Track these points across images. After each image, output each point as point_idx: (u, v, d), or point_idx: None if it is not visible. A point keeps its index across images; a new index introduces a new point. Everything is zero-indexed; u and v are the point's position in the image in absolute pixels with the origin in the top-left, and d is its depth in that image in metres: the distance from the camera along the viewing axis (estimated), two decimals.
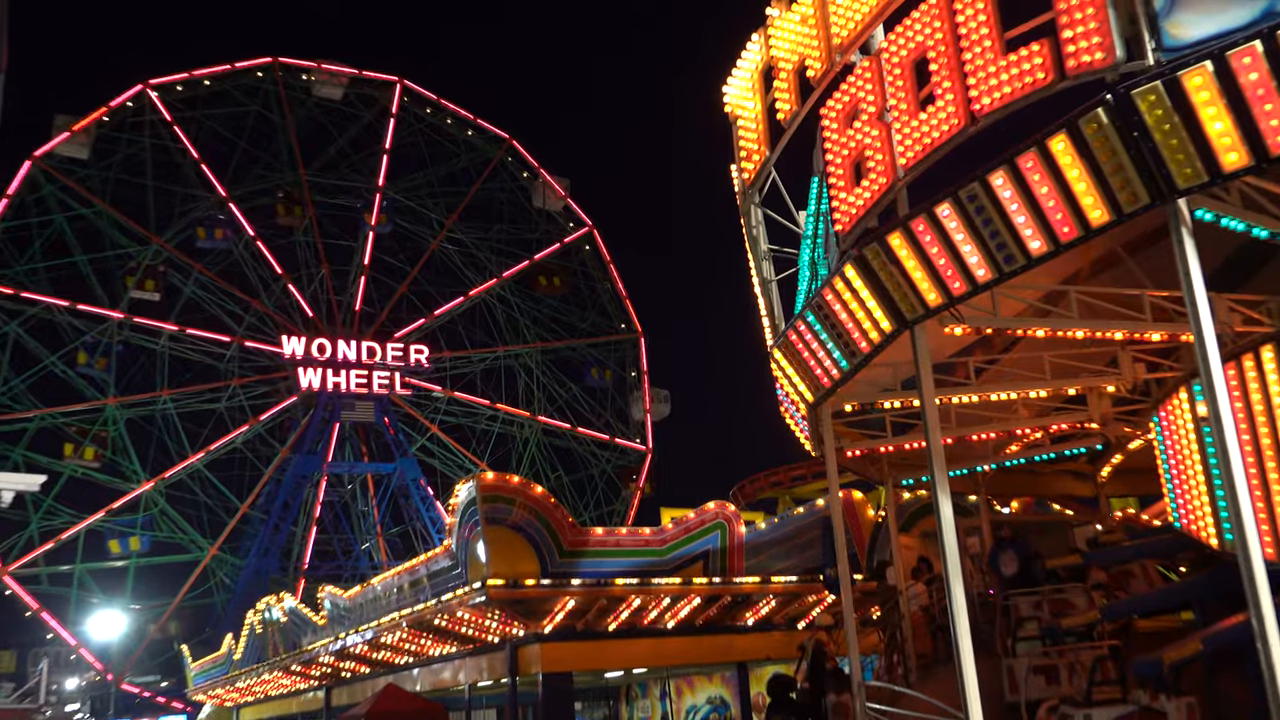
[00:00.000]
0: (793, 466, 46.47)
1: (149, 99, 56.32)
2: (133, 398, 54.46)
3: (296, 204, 59.02)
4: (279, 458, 57.36)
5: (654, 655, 25.79)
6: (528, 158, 63.50)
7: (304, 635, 34.36)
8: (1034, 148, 10.47)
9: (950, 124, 11.29)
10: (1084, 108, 10.05)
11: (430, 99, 62.59)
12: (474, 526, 23.01)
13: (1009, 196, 10.88)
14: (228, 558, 55.30)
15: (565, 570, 23.13)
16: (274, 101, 59.91)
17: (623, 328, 64.18)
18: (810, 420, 16.32)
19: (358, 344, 57.99)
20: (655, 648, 25.56)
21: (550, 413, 62.77)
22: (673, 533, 24.95)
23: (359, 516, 60.83)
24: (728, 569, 25.04)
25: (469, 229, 63.08)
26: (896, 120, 12.00)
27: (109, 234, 55.60)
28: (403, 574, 27.43)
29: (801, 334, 14.48)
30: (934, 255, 11.76)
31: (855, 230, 12.65)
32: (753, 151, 16.19)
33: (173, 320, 55.71)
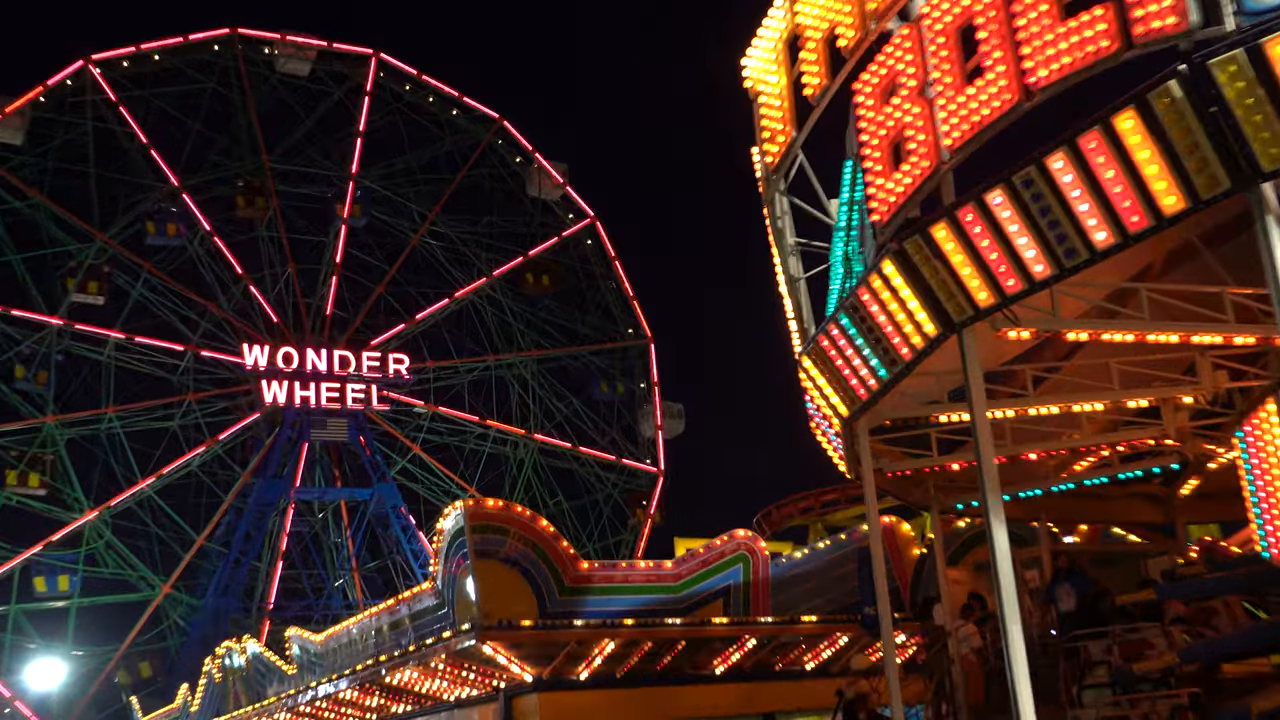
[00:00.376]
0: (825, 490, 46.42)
1: (91, 76, 56.48)
2: (74, 415, 54.56)
3: (258, 194, 59.14)
4: (240, 483, 57.42)
5: (668, 706, 25.70)
6: (521, 140, 63.58)
7: (269, 684, 34.36)
8: (1098, 126, 10.48)
9: (1001, 99, 11.31)
10: (1154, 80, 10.05)
11: (410, 74, 62.71)
12: (462, 560, 23.00)
13: (1070, 181, 10.88)
14: (183, 597, 55.34)
15: (566, 610, 23.08)
16: (232, 78, 60.05)
17: (630, 333, 64.18)
18: (845, 437, 16.31)
19: (329, 353, 58.06)
20: (669, 697, 25.47)
21: (548, 430, 62.78)
22: (689, 566, 24.90)
23: (331, 549, 60.85)
24: (752, 607, 24.97)
25: (455, 222, 63.16)
26: (940, 95, 12.02)
27: (46, 229, 55.73)
28: (381, 614, 27.42)
29: (834, 339, 14.48)
30: (984, 249, 11.77)
31: (894, 221, 12.67)
32: (777, 132, 16.22)
33: (119, 327, 55.81)
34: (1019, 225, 11.42)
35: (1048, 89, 10.92)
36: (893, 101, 12.77)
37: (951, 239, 11.97)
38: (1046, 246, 11.36)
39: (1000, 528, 12.48)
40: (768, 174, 16.80)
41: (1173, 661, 15.36)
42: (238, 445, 58.86)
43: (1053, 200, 11.07)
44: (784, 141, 16.14)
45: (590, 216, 64.36)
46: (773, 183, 16.72)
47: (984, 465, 12.58)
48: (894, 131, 12.75)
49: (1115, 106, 10.33)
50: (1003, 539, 12.48)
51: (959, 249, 11.97)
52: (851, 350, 14.23)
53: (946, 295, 12.36)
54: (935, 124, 12.05)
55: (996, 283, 11.88)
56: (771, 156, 16.52)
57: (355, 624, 29.05)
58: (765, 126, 16.48)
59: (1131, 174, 10.45)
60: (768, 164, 16.68)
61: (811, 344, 15.38)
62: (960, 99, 11.75)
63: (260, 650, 35.86)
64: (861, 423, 15.64)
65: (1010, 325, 12.88)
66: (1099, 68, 10.62)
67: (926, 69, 12.22)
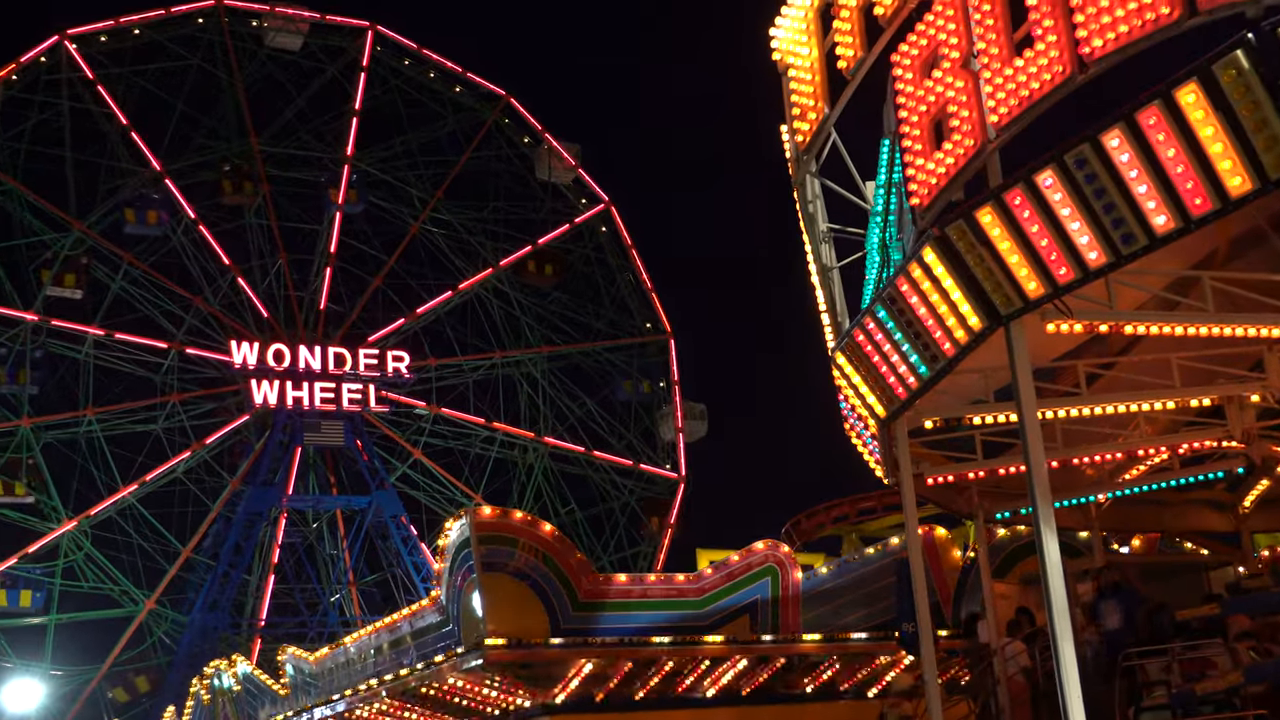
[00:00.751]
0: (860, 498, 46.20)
1: (66, 52, 56.69)
2: (51, 418, 54.75)
3: (247, 179, 59.27)
4: (228, 490, 57.57)
5: None
6: (529, 119, 63.57)
7: (261, 707, 34.49)
8: (1158, 100, 10.44)
9: (1053, 71, 11.27)
10: (1219, 50, 10.00)
11: (410, 48, 62.78)
12: (468, 573, 23.04)
13: (1127, 161, 10.85)
14: (168, 612, 55.53)
15: (580, 627, 23.10)
16: (218, 54, 60.19)
17: (648, 327, 64.16)
18: (882, 440, 16.29)
19: (323, 350, 58.16)
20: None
21: (560, 433, 62.76)
22: (712, 580, 24.89)
23: (326, 562, 61.01)
24: (781, 624, 24.94)
25: (458, 208, 63.19)
26: (986, 68, 11.98)
27: (20, 218, 55.94)
28: (381, 631, 27.49)
29: (871, 334, 14.47)
30: (1034, 235, 11.76)
31: (936, 204, 12.65)
32: (808, 109, 16.20)
33: (98, 323, 56.02)
34: (1071, 209, 11.39)
35: (1103, 60, 10.87)
36: (934, 74, 12.75)
37: (998, 224, 11.95)
38: (1101, 232, 11.33)
39: (1051, 537, 12.46)
40: (798, 154, 16.79)
41: (1238, 681, 15.30)
42: (226, 450, 58.97)
43: (1108, 181, 11.04)
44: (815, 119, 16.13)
45: (605, 201, 64.29)
46: (803, 164, 16.71)
47: (1034, 470, 12.55)
48: (935, 107, 12.74)
49: (1176, 79, 10.29)
50: (1054, 550, 12.46)
51: (1006, 235, 11.95)
52: (889, 346, 14.22)
53: (993, 285, 12.34)
54: (980, 99, 12.02)
55: (1047, 272, 11.87)
56: (802, 135, 16.51)
57: (353, 642, 29.12)
58: (795, 103, 16.48)
59: (1194, 152, 10.42)
60: (798, 143, 16.67)
61: (846, 339, 15.36)
62: (1008, 71, 11.72)
63: (251, 670, 35.98)
64: (900, 424, 15.62)
65: (1062, 318, 12.84)
66: (1158, 37, 10.57)
67: (971, 39, 12.19)
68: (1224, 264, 14.70)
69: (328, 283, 60.14)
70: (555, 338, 63.54)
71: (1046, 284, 11.97)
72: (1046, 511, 12.49)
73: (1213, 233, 13.65)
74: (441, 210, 62.72)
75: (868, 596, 25.93)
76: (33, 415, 54.12)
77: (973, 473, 18.60)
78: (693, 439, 63.76)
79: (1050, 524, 12.49)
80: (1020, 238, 11.85)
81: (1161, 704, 15.73)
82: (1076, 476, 19.85)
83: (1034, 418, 12.69)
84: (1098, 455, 18.64)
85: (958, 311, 12.84)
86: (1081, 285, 11.90)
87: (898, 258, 14.04)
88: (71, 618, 53.89)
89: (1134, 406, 16.95)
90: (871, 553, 26.61)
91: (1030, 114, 11.64)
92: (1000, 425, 17.14)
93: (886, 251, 14.94)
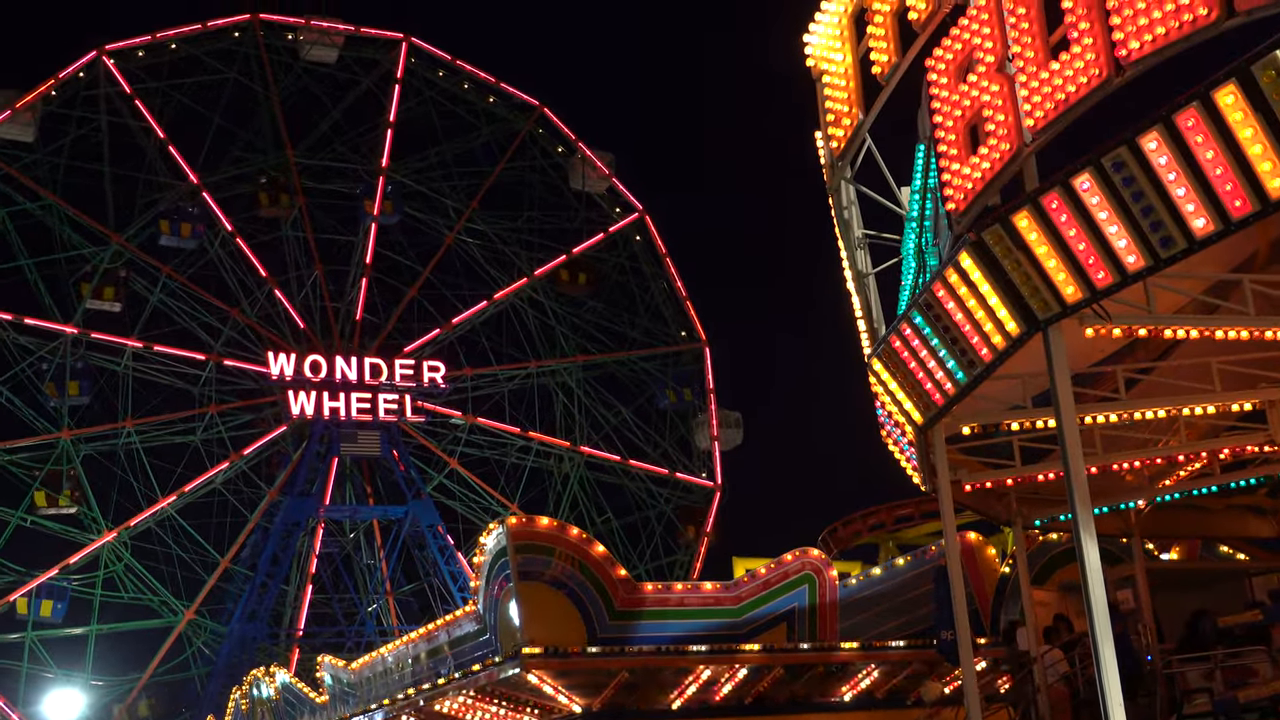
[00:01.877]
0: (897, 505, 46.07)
1: (104, 68, 57.19)
2: (90, 430, 55.20)
3: (283, 191, 59.60)
4: (266, 501, 57.88)
5: None
6: (563, 129, 63.72)
7: (300, 716, 34.64)
8: (1195, 101, 10.38)
9: (1090, 75, 11.21)
10: (1258, 50, 9.94)
11: (443, 60, 63.04)
12: (504, 583, 23.07)
13: (1165, 163, 10.79)
14: (207, 623, 55.85)
15: (617, 635, 23.11)
16: (254, 68, 60.63)
17: (683, 336, 64.15)
18: (919, 447, 16.23)
19: (359, 361, 58.42)
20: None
21: (595, 442, 62.81)
22: (749, 588, 24.86)
23: (364, 572, 61.22)
24: (818, 632, 24.88)
25: (492, 218, 63.39)
26: (1021, 72, 11.93)
27: (59, 232, 56.49)
28: (419, 641, 27.56)
29: (907, 340, 14.42)
30: (1071, 239, 11.70)
31: (972, 209, 12.60)
32: (842, 114, 16.17)
33: (136, 335, 56.47)
34: (1109, 212, 11.33)
35: (1140, 62, 10.81)
36: (969, 79, 12.70)
37: (1035, 228, 11.89)
38: (1140, 235, 11.26)
39: (1091, 544, 12.38)
40: (833, 160, 16.77)
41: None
42: (263, 461, 59.30)
43: (1146, 184, 10.97)
44: (850, 125, 16.10)
45: (639, 210, 64.35)
46: (838, 170, 16.68)
47: (1073, 476, 12.47)
48: (971, 112, 12.69)
49: (1215, 80, 10.22)
50: (1094, 556, 12.38)
51: (1043, 239, 11.89)
52: (926, 352, 14.16)
53: (1030, 290, 12.28)
54: (1016, 103, 11.97)
55: (1085, 276, 11.80)
56: (837, 141, 16.48)
57: (391, 651, 29.22)
58: (830, 109, 16.46)
59: (1234, 154, 10.35)
60: (833, 149, 16.64)
61: (882, 345, 15.31)
62: (1044, 75, 11.67)
63: (290, 679, 36.14)
64: (937, 430, 15.56)
65: (1100, 322, 12.77)
66: (1196, 38, 10.51)
67: (1006, 42, 12.14)
68: (1264, 266, 14.59)
69: (363, 294, 60.41)
70: (590, 347, 63.59)
71: (1085, 288, 11.90)
72: (1086, 518, 12.40)
73: (1253, 235, 13.57)
74: (476, 220, 62.91)
75: (905, 604, 25.83)
76: (72, 427, 54.57)
77: (1011, 479, 18.51)
78: (728, 447, 63.67)
79: (1090, 530, 12.41)
80: (1058, 242, 11.79)
81: (1204, 711, 15.61)
82: (1116, 482, 19.72)
83: (1073, 423, 12.60)
84: (1137, 461, 18.50)
85: (995, 317, 12.79)
86: (1120, 289, 11.83)
87: (934, 263, 14.00)
88: (111, 628, 54.29)
89: (1174, 411, 16.83)
90: (909, 560, 26.49)
91: (1067, 117, 11.59)
92: (1038, 431, 17.05)
93: (922, 257, 14.90)
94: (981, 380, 13.75)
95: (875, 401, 17.19)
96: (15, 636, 52.65)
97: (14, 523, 52.82)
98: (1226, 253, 13.50)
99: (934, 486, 16.20)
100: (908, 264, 15.64)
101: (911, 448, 16.74)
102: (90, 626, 53.51)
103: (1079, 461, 12.60)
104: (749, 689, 25.04)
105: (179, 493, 55.90)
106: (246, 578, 56.47)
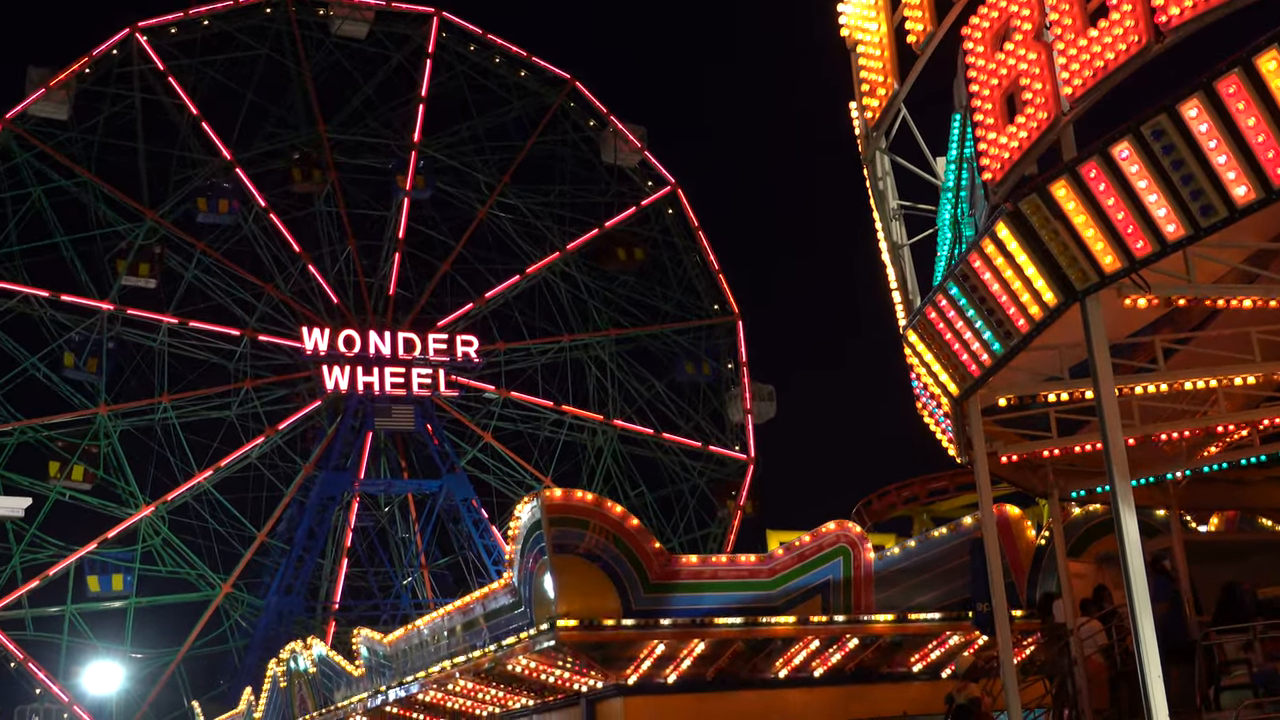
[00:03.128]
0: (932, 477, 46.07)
1: (138, 45, 57.43)
2: (127, 405, 55.64)
3: (316, 167, 59.82)
4: (301, 475, 58.25)
5: (762, 711, 25.74)
6: (595, 103, 63.61)
7: (337, 688, 34.89)
8: (1237, 68, 10.26)
9: (1129, 41, 11.09)
10: None
11: (475, 34, 63.00)
12: (539, 556, 23.14)
13: (1206, 131, 10.68)
14: (244, 596, 56.36)
15: (651, 608, 23.17)
16: (286, 44, 60.77)
17: (716, 309, 64.07)
18: (955, 418, 16.16)
19: (393, 335, 58.60)
20: (763, 702, 25.51)
21: (629, 415, 62.89)
22: (783, 561, 24.88)
23: (399, 545, 61.59)
24: (853, 604, 24.90)
25: (524, 192, 63.42)
26: (1059, 39, 11.81)
27: (95, 209, 56.85)
28: (454, 614, 27.70)
29: (943, 311, 14.35)
30: (1110, 208, 11.60)
31: (1009, 179, 12.50)
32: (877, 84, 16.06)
33: (172, 311, 56.82)
34: (1148, 181, 11.22)
35: (1181, 28, 10.68)
36: (1006, 47, 12.59)
37: (1073, 198, 11.79)
38: (1180, 204, 11.16)
39: (1130, 516, 12.32)
40: (867, 131, 16.67)
41: None
42: (298, 435, 59.72)
43: (1186, 152, 10.87)
44: (885, 95, 15.99)
45: (671, 183, 64.23)
46: (873, 140, 16.57)
47: (1111, 448, 12.40)
48: (1007, 80, 12.58)
49: (1257, 46, 10.11)
50: (1133, 529, 12.31)
51: (1081, 209, 11.80)
52: (962, 323, 14.09)
53: (1068, 260, 12.19)
54: (1054, 71, 11.86)
55: (1124, 245, 11.70)
56: (871, 112, 16.38)
57: (426, 624, 29.37)
58: (864, 79, 16.35)
59: (1276, 120, 10.24)
60: (867, 120, 16.54)
61: (918, 317, 15.24)
62: (1082, 42, 11.54)
63: (326, 652, 36.40)
64: (973, 402, 15.48)
65: (1139, 292, 12.66)
66: (1238, 3, 10.39)
67: (1044, 10, 12.02)
68: None
69: (396, 268, 60.59)
70: (623, 320, 63.62)
71: (1123, 258, 11.80)
72: (1125, 490, 12.33)
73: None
74: (508, 195, 62.96)
75: (940, 576, 25.79)
76: (109, 403, 55.00)
77: (1047, 451, 18.39)
78: (761, 420, 63.69)
79: (1129, 502, 12.34)
80: (1096, 211, 11.69)
81: (1242, 683, 15.52)
82: (1153, 454, 19.60)
83: (1111, 395, 12.52)
84: (1175, 432, 18.37)
85: (1032, 287, 12.70)
86: (1159, 259, 11.72)
87: (970, 234, 13.91)
88: (150, 601, 54.80)
89: (1213, 382, 16.69)
90: (945, 532, 26.45)
91: (1105, 85, 11.46)
92: (1075, 402, 16.93)
93: (958, 227, 14.81)
94: (1018, 352, 13.68)
95: (910, 373, 17.12)
96: (55, 610, 53.26)
97: (52, 497, 53.34)
98: (1267, 221, 13.34)
99: (970, 459, 16.13)
100: (943, 235, 15.54)
101: (947, 420, 16.67)
102: (129, 600, 54.00)
103: (1117, 433, 12.53)
104: (783, 661, 25.09)
105: (215, 467, 56.34)
106: (283, 551, 56.91)
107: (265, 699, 41.68)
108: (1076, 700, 18.30)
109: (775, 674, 25.35)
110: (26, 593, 52.62)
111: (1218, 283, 13.79)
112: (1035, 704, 20.77)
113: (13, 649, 52.15)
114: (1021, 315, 13.07)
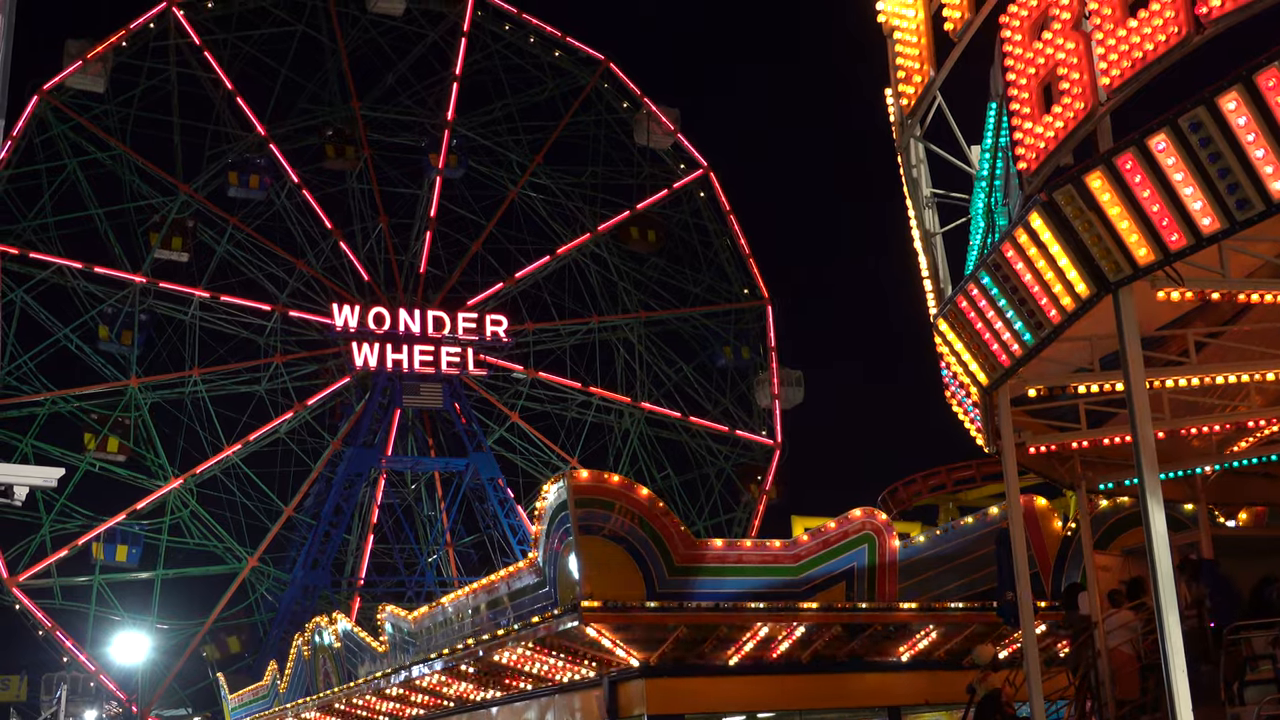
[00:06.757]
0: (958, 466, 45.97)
1: (174, 19, 57.71)
2: (158, 378, 56.03)
3: (349, 144, 60.01)
4: (329, 451, 58.57)
5: (784, 696, 25.76)
6: (629, 84, 63.58)
7: (361, 664, 35.09)
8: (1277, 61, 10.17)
9: (1169, 32, 11.01)
10: None
11: (510, 13, 63.05)
12: (564, 536, 23.20)
13: (1244, 124, 10.61)
14: (270, 570, 56.73)
15: (676, 591, 23.19)
16: (322, 20, 60.95)
17: (746, 293, 64.01)
18: (984, 408, 16.13)
19: (422, 314, 58.82)
20: (785, 687, 25.52)
21: (656, 398, 62.98)
22: (808, 546, 24.85)
23: (424, 523, 61.91)
24: (877, 592, 24.87)
25: (557, 173, 63.52)
26: (1098, 29, 11.74)
27: (129, 182, 57.20)
28: (478, 592, 27.80)
29: (974, 300, 14.30)
30: (1145, 200, 11.54)
31: (1044, 169, 12.44)
32: (913, 71, 16.00)
33: (204, 285, 57.15)
34: (1185, 173, 11.16)
35: (1222, 19, 10.60)
36: (1044, 36, 12.51)
37: (1108, 189, 11.73)
38: (1216, 197, 11.09)
39: (1158, 510, 12.27)
40: (902, 118, 16.62)
41: None
42: (327, 411, 60.08)
43: (1224, 145, 10.79)
44: (921, 82, 15.93)
45: (704, 167, 64.17)
46: (908, 128, 16.52)
47: (1141, 440, 12.35)
48: (1045, 70, 12.51)
49: None
50: (1160, 522, 12.26)
51: (1116, 200, 11.73)
52: (993, 312, 14.04)
53: (1101, 252, 12.13)
54: (1092, 61, 11.78)
55: (1158, 237, 11.63)
56: (907, 99, 16.32)
57: (451, 602, 29.49)
58: (900, 65, 16.29)
59: None
60: (902, 107, 16.48)
61: (949, 305, 15.20)
62: (1121, 32, 11.46)
63: (351, 627, 36.62)
64: (1002, 392, 15.44)
65: (1172, 285, 12.59)
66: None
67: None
68: None
69: (427, 247, 60.80)
70: (652, 303, 63.70)
71: (1157, 250, 11.74)
72: (1153, 483, 12.28)
73: None
74: (540, 175, 63.04)
75: (965, 566, 25.74)
76: (140, 375, 55.37)
77: (1076, 442, 18.34)
78: (789, 406, 63.66)
79: (1157, 496, 12.29)
80: (1131, 203, 11.63)
81: (1268, 678, 15.47)
82: (1182, 447, 19.51)
83: (1142, 387, 12.46)
84: (1205, 426, 18.29)
85: (1064, 278, 12.65)
86: (1194, 252, 11.66)
87: (1003, 223, 13.87)
88: (178, 573, 55.25)
89: (1244, 376, 16.61)
90: (970, 522, 26.39)
91: (1143, 76, 11.39)
92: (1105, 394, 16.87)
93: (991, 217, 14.76)
94: (1049, 342, 13.62)
95: (940, 362, 17.09)
96: (83, 580, 53.74)
97: (83, 468, 53.74)
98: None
99: (998, 448, 16.10)
100: (976, 224, 15.49)
101: (976, 409, 16.64)
102: (156, 571, 54.45)
103: (1147, 426, 12.48)
104: (806, 647, 25.09)
105: (244, 441, 56.74)
106: (309, 526, 57.27)
107: (290, 672, 41.98)
108: (1099, 691, 18.27)
109: (798, 659, 25.35)
110: (55, 562, 53.09)
111: (1251, 276, 13.72)
112: (1057, 695, 20.75)
113: (41, 617, 52.67)
114: (1053, 306, 13.02)
